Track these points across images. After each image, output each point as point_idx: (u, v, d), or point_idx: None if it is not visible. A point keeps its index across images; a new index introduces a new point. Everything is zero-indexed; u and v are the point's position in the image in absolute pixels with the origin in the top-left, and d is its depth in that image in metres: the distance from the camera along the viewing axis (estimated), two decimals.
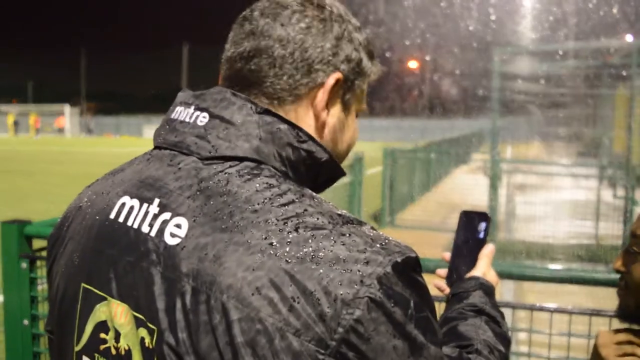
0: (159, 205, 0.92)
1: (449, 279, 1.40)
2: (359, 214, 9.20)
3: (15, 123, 53.00)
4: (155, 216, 0.92)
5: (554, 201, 9.30)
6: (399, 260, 0.85)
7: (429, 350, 0.87)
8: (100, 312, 0.95)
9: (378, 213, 11.32)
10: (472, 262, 1.39)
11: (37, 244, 2.58)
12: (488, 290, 1.30)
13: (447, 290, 1.39)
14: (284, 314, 0.80)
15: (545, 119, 12.67)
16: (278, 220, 0.86)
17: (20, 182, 17.70)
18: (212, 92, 0.99)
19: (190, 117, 0.97)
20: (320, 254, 0.83)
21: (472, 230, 1.43)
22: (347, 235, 0.86)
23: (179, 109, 1.00)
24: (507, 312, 1.42)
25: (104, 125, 59.29)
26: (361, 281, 0.81)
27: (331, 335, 0.80)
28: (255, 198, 0.88)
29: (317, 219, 0.87)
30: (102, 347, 0.95)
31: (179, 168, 0.95)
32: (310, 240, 0.84)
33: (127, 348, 0.91)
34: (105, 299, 0.94)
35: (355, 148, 1.18)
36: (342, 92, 1.02)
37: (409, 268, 0.86)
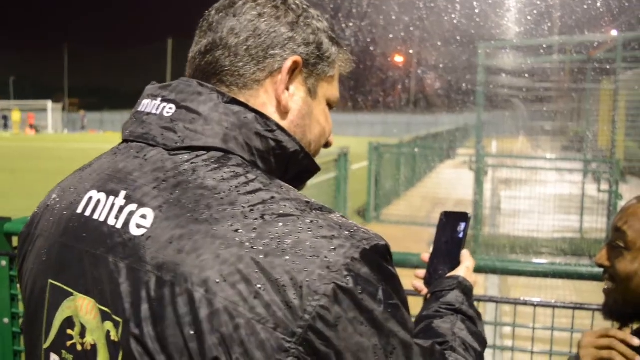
0: (125, 198, 0.92)
1: (427, 280, 1.39)
2: (344, 209, 9.20)
3: (4, 118, 52.61)
4: (122, 208, 0.91)
5: (539, 195, 9.35)
6: (367, 247, 0.85)
7: (397, 336, 0.86)
8: (66, 308, 0.94)
9: (363, 208, 11.34)
10: (452, 263, 1.37)
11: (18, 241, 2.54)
12: (466, 289, 1.29)
13: (425, 291, 1.38)
14: (249, 302, 0.79)
15: (529, 113, 12.73)
16: (244, 207, 0.85)
17: (1, 178, 17.51)
18: (178, 83, 0.99)
19: (157, 109, 0.97)
20: (287, 241, 0.82)
21: (451, 230, 1.41)
22: (315, 222, 0.85)
23: (145, 101, 1.00)
24: (491, 307, 1.41)
25: (88, 121, 58.88)
26: (328, 267, 0.81)
27: (297, 322, 0.79)
28: (221, 187, 0.88)
29: (285, 206, 0.87)
30: (69, 343, 0.94)
31: (145, 160, 0.95)
32: (276, 228, 0.83)
33: (92, 343, 0.90)
34: (71, 294, 0.93)
35: (340, 143, 1.16)
36: (305, 76, 1.03)
37: (378, 255, 0.86)
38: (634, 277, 1.36)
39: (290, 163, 0.99)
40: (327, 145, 1.13)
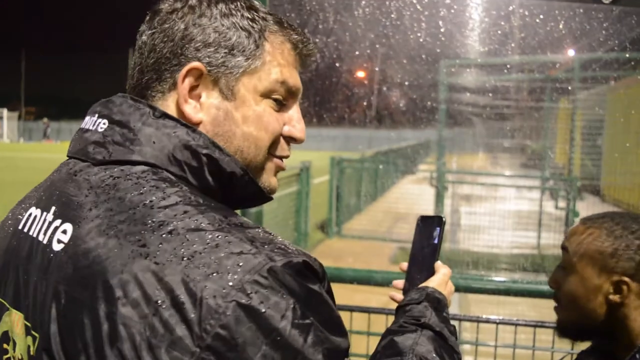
0: (53, 213, 0.93)
1: (405, 289, 1.34)
2: (305, 224, 9.16)
3: None
4: (50, 224, 0.92)
5: (498, 212, 9.48)
6: (278, 263, 0.81)
7: (305, 357, 0.80)
8: (4, 323, 0.95)
9: (325, 223, 11.31)
10: (427, 271, 1.33)
11: None
12: (436, 301, 1.24)
13: None
14: (149, 319, 0.77)
15: (490, 130, 12.95)
16: (154, 223, 0.84)
17: None
18: (114, 99, 1.00)
19: (94, 125, 0.98)
20: (192, 256, 0.80)
21: (427, 236, 1.37)
22: (225, 237, 0.82)
23: (87, 118, 1.01)
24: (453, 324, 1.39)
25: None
26: (230, 285, 0.78)
27: (196, 342, 0.76)
28: (138, 201, 0.87)
29: (196, 220, 0.84)
30: (5, 357, 0.95)
31: (75, 175, 0.95)
32: (183, 243, 0.81)
33: (19, 358, 0.91)
34: (8, 309, 0.95)
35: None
36: (213, 78, 0.96)
37: (292, 272, 0.81)
38: (576, 298, 1.39)
39: (233, 184, 0.96)
40: (295, 141, 1.05)
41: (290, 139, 1.04)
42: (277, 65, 1.00)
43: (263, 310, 0.77)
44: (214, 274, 0.78)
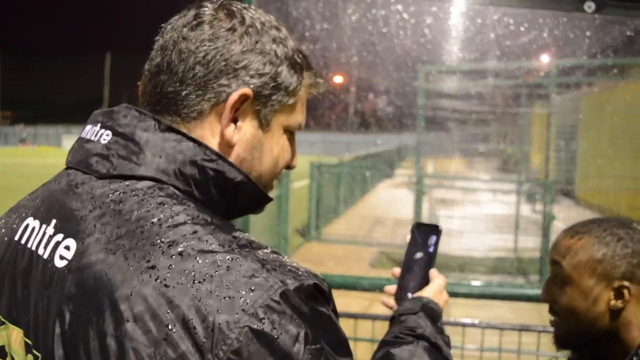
0: (54, 227, 0.90)
1: (398, 296, 1.34)
2: (285, 228, 9.15)
3: None
4: (50, 238, 0.89)
5: (476, 215, 9.56)
6: (290, 287, 0.79)
7: None
8: (0, 337, 0.92)
9: (304, 227, 11.31)
10: (422, 279, 1.33)
11: None
12: (431, 312, 1.25)
13: (396, 307, 1.32)
14: (159, 344, 0.75)
15: (466, 135, 13.06)
16: (163, 243, 0.81)
17: None
18: (119, 109, 0.96)
19: (96, 136, 0.94)
20: (203, 279, 0.78)
21: (422, 243, 1.37)
22: (236, 259, 0.81)
23: (87, 127, 0.97)
24: None
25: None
26: (243, 310, 0.76)
27: None
28: (144, 220, 0.84)
29: (206, 241, 0.82)
30: None
31: (77, 188, 0.92)
32: (193, 265, 0.79)
33: None
34: (4, 323, 0.92)
35: None
36: (256, 108, 0.96)
37: (304, 295, 0.81)
38: (575, 309, 1.37)
39: (239, 193, 0.95)
40: (289, 167, 1.08)
41: (288, 166, 1.08)
42: (302, 104, 1.03)
43: (276, 336, 0.76)
44: (226, 298, 0.77)
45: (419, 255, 1.37)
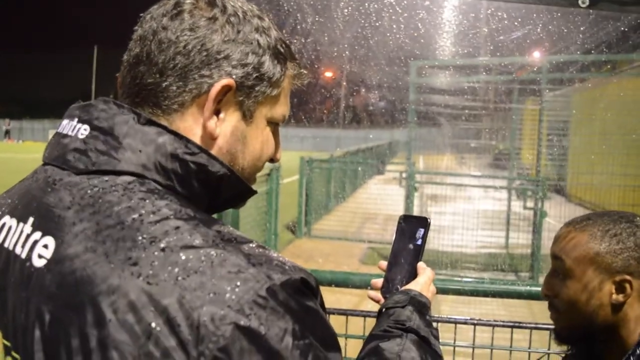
0: (32, 225, 0.87)
1: (385, 290, 1.32)
2: (275, 224, 9.13)
3: None
4: (28, 236, 0.86)
5: (467, 211, 9.56)
6: (277, 282, 0.78)
7: None
8: None
9: (295, 223, 11.28)
10: (410, 272, 1.31)
11: None
12: (419, 305, 1.23)
13: (383, 300, 1.30)
14: (142, 342, 0.73)
15: (458, 130, 13.07)
16: (145, 239, 0.79)
17: None
18: (96, 103, 0.93)
19: (73, 130, 0.91)
20: (187, 275, 0.76)
21: (409, 236, 1.34)
22: (220, 255, 0.79)
23: (64, 122, 0.94)
24: None
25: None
26: (229, 306, 0.74)
27: None
28: (125, 216, 0.82)
29: (189, 236, 0.80)
30: None
31: (54, 184, 0.89)
32: (177, 261, 0.77)
33: None
34: None
35: None
36: (239, 99, 0.94)
37: (291, 290, 0.79)
38: (576, 303, 1.37)
39: (221, 187, 0.92)
40: (272, 161, 1.06)
41: (271, 159, 1.06)
42: (285, 96, 1.01)
43: (263, 332, 0.75)
44: (211, 295, 0.75)
45: (406, 248, 1.34)
